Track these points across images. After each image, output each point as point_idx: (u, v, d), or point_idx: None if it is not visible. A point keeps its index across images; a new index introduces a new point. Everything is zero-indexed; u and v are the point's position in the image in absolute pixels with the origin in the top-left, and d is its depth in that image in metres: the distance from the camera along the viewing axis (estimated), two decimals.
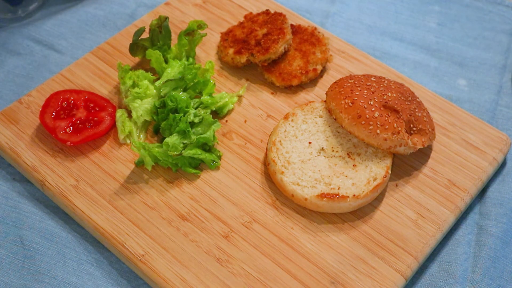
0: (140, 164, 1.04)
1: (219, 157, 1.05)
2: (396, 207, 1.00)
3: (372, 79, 1.08)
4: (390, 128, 1.03)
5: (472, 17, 1.39)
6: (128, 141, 1.07)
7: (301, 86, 1.17)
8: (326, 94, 1.07)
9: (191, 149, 1.01)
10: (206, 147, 1.04)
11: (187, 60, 1.16)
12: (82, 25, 1.33)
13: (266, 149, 1.04)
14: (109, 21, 1.34)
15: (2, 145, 1.06)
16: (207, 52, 1.23)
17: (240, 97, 1.15)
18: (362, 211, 0.99)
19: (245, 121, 1.11)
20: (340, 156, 1.01)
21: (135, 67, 1.19)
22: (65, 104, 1.08)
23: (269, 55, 1.13)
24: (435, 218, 0.99)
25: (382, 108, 1.01)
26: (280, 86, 1.15)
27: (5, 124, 1.09)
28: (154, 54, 1.12)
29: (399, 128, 1.02)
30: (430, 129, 1.04)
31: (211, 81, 1.12)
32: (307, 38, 1.19)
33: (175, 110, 1.05)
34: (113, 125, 1.09)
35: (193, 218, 0.98)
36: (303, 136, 1.03)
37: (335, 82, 1.08)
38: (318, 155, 1.01)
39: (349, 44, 1.24)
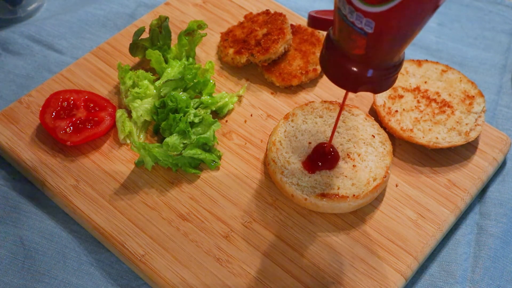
0: (140, 164, 1.04)
1: (219, 157, 1.05)
2: (396, 207, 1.00)
3: None
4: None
5: (472, 17, 1.39)
6: (128, 141, 1.07)
7: (301, 86, 1.17)
8: None
9: (191, 149, 1.01)
10: (206, 147, 1.04)
11: (187, 60, 1.16)
12: (82, 25, 1.33)
13: (266, 149, 1.04)
14: (109, 21, 1.34)
15: (2, 145, 1.06)
16: (207, 52, 1.23)
17: (240, 97, 1.15)
18: (362, 211, 0.99)
19: (245, 121, 1.11)
20: (339, 156, 1.01)
21: (135, 67, 1.19)
22: (65, 104, 1.08)
23: (269, 55, 1.13)
24: (435, 218, 0.99)
25: None
26: (280, 86, 1.15)
27: (5, 124, 1.09)
28: (154, 54, 1.12)
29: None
30: None
31: (211, 81, 1.12)
32: (307, 38, 1.19)
33: (175, 110, 1.05)
34: (113, 125, 1.09)
35: (193, 218, 0.98)
36: (303, 136, 1.03)
37: None
38: None
39: None
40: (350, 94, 1.15)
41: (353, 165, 0.99)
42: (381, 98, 1.09)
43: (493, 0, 1.41)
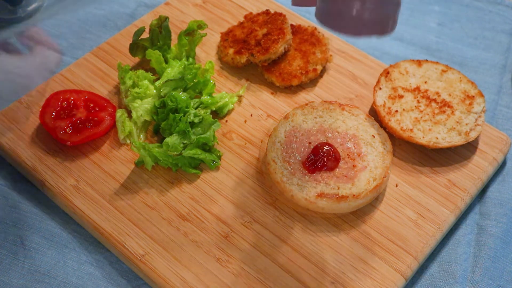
0: (140, 164, 1.04)
1: (219, 157, 1.05)
2: (396, 207, 1.00)
3: None
4: None
5: (472, 17, 1.39)
6: (128, 141, 1.07)
7: (301, 86, 1.17)
8: None
9: (191, 149, 1.01)
10: (206, 147, 1.04)
11: (187, 60, 1.16)
12: (82, 25, 1.33)
13: (266, 149, 1.04)
14: (109, 21, 1.34)
15: (2, 145, 1.06)
16: (207, 52, 1.23)
17: (240, 97, 1.15)
18: (362, 211, 0.99)
19: (245, 121, 1.11)
20: (340, 157, 1.01)
21: (135, 67, 1.19)
22: (65, 104, 1.08)
23: (269, 55, 1.13)
24: (435, 218, 0.99)
25: None
26: (280, 86, 1.15)
27: (5, 124, 1.09)
28: (154, 54, 1.12)
29: None
30: None
31: (211, 81, 1.12)
32: (307, 38, 1.19)
33: (175, 110, 1.05)
34: (113, 125, 1.09)
35: (193, 218, 0.98)
36: (303, 136, 1.03)
37: None
38: None
39: (349, 44, 1.24)
40: (350, 94, 1.15)
41: (353, 165, 0.99)
42: (381, 98, 1.09)
43: (493, 0, 1.41)
